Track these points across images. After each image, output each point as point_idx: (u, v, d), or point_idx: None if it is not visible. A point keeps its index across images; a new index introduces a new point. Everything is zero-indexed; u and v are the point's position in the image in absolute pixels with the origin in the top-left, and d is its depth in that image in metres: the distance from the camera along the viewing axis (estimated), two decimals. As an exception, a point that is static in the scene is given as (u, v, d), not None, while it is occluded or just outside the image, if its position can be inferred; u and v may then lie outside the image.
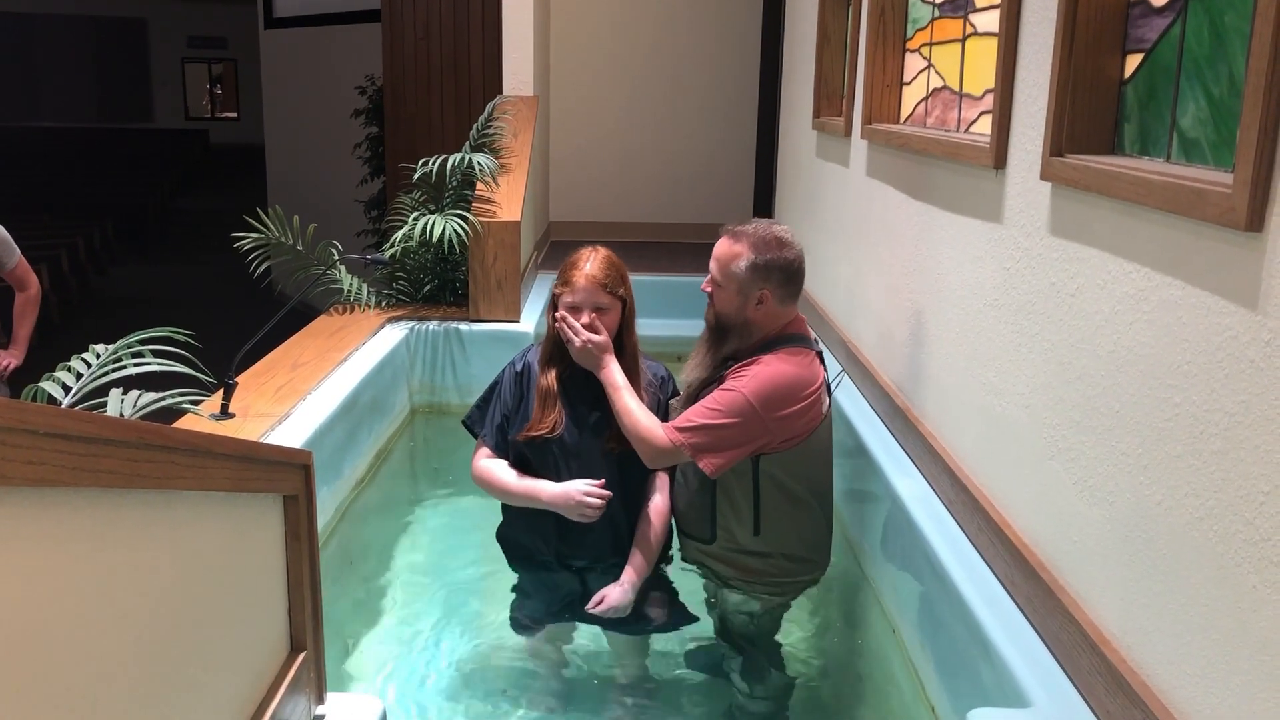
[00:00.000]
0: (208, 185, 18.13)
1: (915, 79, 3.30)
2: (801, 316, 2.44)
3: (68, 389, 1.99)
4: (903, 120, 3.39)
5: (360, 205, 7.69)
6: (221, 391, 2.93)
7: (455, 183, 4.37)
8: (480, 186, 4.35)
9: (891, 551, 2.69)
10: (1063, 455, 1.99)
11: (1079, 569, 1.92)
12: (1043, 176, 2.07)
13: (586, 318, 2.37)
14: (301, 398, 3.11)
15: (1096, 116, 1.97)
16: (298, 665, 1.65)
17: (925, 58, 3.19)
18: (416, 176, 4.36)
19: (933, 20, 3.12)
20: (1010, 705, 1.86)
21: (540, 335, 2.84)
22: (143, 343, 2.11)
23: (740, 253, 2.32)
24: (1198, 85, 1.68)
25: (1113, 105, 1.97)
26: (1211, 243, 1.51)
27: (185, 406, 2.13)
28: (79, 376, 2.03)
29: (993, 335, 2.36)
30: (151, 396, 2.02)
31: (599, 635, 2.52)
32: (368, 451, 3.48)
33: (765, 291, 2.32)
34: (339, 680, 2.38)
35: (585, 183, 6.63)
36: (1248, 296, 1.42)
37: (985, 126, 2.57)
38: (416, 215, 4.22)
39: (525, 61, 5.38)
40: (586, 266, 2.40)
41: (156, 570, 1.20)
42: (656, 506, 2.45)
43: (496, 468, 2.46)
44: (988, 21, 2.64)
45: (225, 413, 2.91)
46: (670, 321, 4.15)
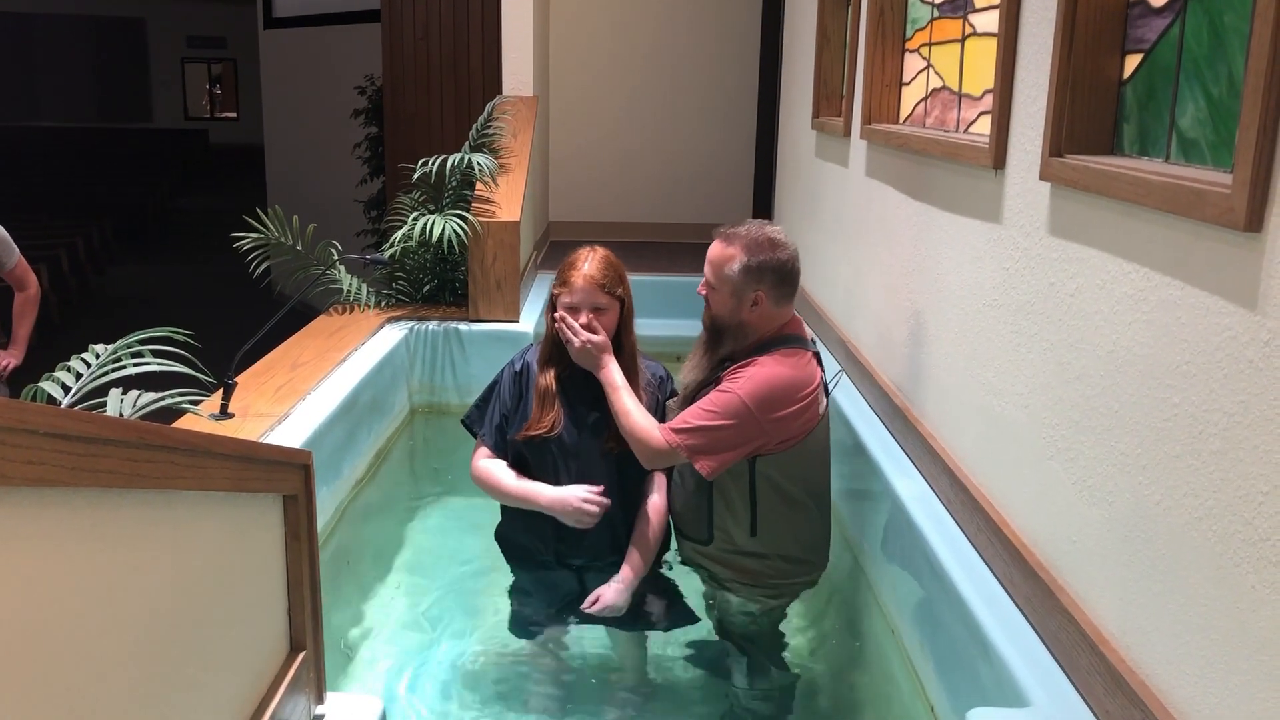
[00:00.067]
0: (207, 185, 18.12)
1: (914, 79, 3.30)
2: (798, 317, 2.44)
3: (67, 389, 1.99)
4: (902, 120, 3.39)
5: (360, 205, 7.69)
6: (221, 391, 2.93)
7: (455, 183, 4.37)
8: (480, 186, 4.34)
9: (891, 551, 2.69)
10: (1062, 455, 1.99)
11: (1078, 569, 1.92)
12: (1042, 177, 2.07)
13: (585, 318, 2.37)
14: (301, 398, 3.11)
15: (1096, 117, 1.97)
16: (297, 665, 1.65)
17: (924, 58, 3.19)
18: (416, 176, 4.36)
19: (932, 20, 3.12)
20: (1009, 705, 1.86)
21: (539, 335, 2.84)
22: (142, 343, 2.10)
23: (733, 255, 2.32)
24: (1197, 85, 1.68)
25: (1112, 105, 1.97)
26: (1210, 243, 1.51)
27: (185, 406, 2.13)
28: (78, 376, 2.03)
29: (992, 335, 2.36)
30: (151, 396, 2.02)
31: (599, 635, 2.52)
32: (367, 451, 3.48)
33: (759, 293, 2.32)
34: (339, 680, 2.38)
35: (584, 183, 6.62)
36: (1247, 297, 1.43)
37: (984, 127, 2.57)
38: (416, 215, 4.22)
39: (525, 61, 5.37)
40: (584, 267, 2.40)
41: (156, 570, 1.20)
42: (654, 505, 2.46)
43: (495, 468, 2.46)
44: (987, 22, 2.64)
45: (225, 413, 2.91)
46: (669, 321, 4.14)
